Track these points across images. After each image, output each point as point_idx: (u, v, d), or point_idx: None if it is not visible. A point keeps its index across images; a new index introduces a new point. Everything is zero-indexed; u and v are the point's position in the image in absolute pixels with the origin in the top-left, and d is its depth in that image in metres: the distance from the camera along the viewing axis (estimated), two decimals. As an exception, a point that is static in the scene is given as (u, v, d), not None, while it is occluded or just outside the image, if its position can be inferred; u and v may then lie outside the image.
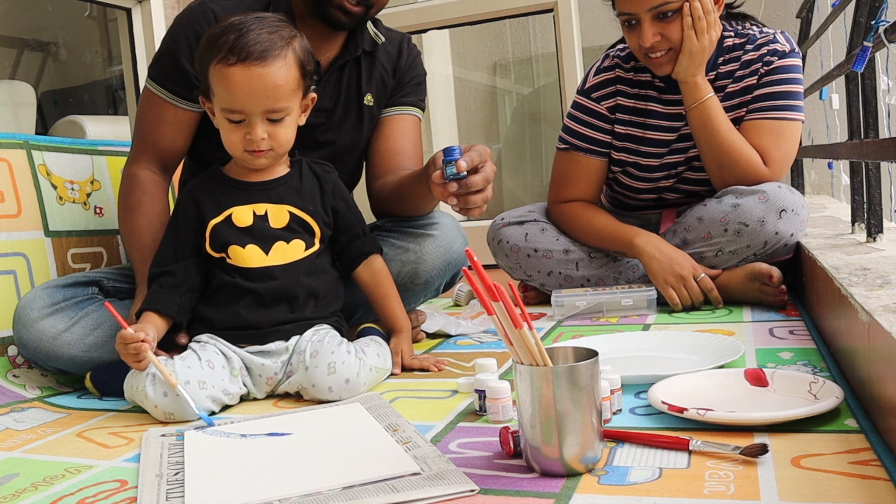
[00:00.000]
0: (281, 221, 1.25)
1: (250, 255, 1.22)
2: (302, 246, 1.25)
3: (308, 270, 1.25)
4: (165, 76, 1.39)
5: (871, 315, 0.84)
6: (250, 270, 1.22)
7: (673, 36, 1.59)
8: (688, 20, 1.57)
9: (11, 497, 0.86)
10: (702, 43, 1.59)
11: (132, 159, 1.43)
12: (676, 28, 1.58)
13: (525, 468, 0.80)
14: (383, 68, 1.53)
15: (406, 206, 1.49)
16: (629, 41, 1.65)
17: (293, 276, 1.23)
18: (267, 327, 1.20)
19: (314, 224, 1.27)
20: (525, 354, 0.78)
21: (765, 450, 0.77)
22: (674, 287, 1.60)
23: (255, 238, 1.23)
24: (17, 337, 1.31)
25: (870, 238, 1.49)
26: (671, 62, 1.63)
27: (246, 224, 1.23)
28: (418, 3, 2.99)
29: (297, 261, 1.24)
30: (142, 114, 1.44)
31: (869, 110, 1.45)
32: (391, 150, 1.55)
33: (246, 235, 1.23)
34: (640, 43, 1.60)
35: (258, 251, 1.22)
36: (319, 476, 0.82)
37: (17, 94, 3.28)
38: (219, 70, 1.16)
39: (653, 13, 1.57)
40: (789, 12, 2.85)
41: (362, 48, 1.48)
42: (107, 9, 3.41)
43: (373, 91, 1.52)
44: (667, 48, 1.61)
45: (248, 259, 1.22)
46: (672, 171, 1.78)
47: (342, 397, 1.14)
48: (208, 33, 1.20)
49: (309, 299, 1.24)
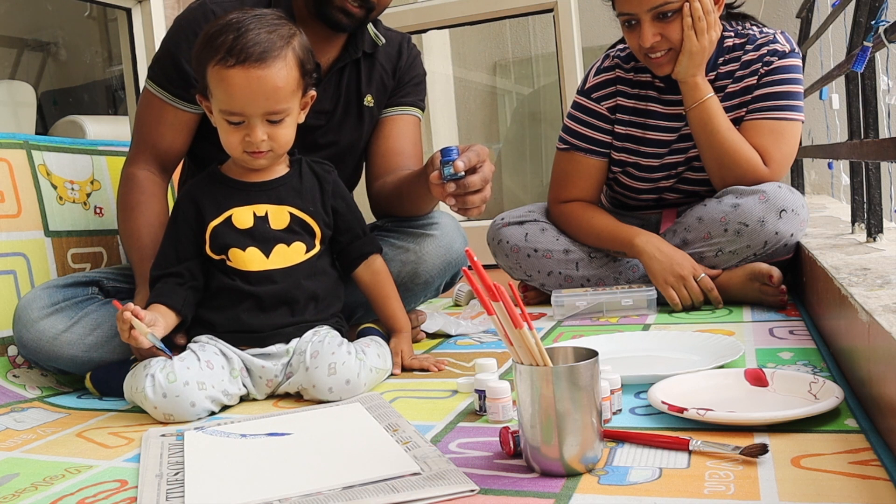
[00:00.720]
0: (281, 223, 1.24)
1: (251, 258, 1.21)
2: (302, 249, 1.25)
3: (309, 273, 1.25)
4: (165, 77, 1.39)
5: (871, 315, 0.84)
6: (250, 274, 1.21)
7: (673, 36, 1.59)
8: (688, 20, 1.57)
9: (11, 497, 0.86)
10: (702, 43, 1.59)
11: (131, 159, 1.42)
12: (676, 28, 1.58)
13: (525, 468, 0.80)
14: (383, 69, 1.53)
15: (406, 205, 1.49)
16: (629, 41, 1.65)
17: (294, 279, 1.23)
18: (267, 331, 1.20)
19: (315, 225, 1.27)
20: (525, 354, 0.78)
21: (765, 450, 0.77)
22: (674, 287, 1.60)
23: (255, 240, 1.22)
24: (17, 337, 1.31)
25: (870, 238, 1.49)
26: (671, 62, 1.63)
27: (246, 226, 1.23)
28: (418, 3, 2.99)
29: (298, 264, 1.24)
30: (141, 114, 1.44)
31: (869, 110, 1.45)
32: (391, 150, 1.55)
33: (246, 237, 1.22)
34: (640, 43, 1.60)
35: (259, 254, 1.22)
36: (319, 476, 0.82)
37: (17, 94, 3.28)
38: (217, 72, 1.15)
39: (653, 13, 1.57)
40: (789, 12, 2.85)
41: (363, 50, 1.48)
42: (107, 9, 3.41)
43: (373, 92, 1.52)
44: (667, 48, 1.61)
45: (248, 262, 1.21)
46: (672, 172, 1.78)
47: (342, 398, 1.14)
48: (205, 31, 1.18)
49: (309, 302, 1.24)
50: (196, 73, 1.22)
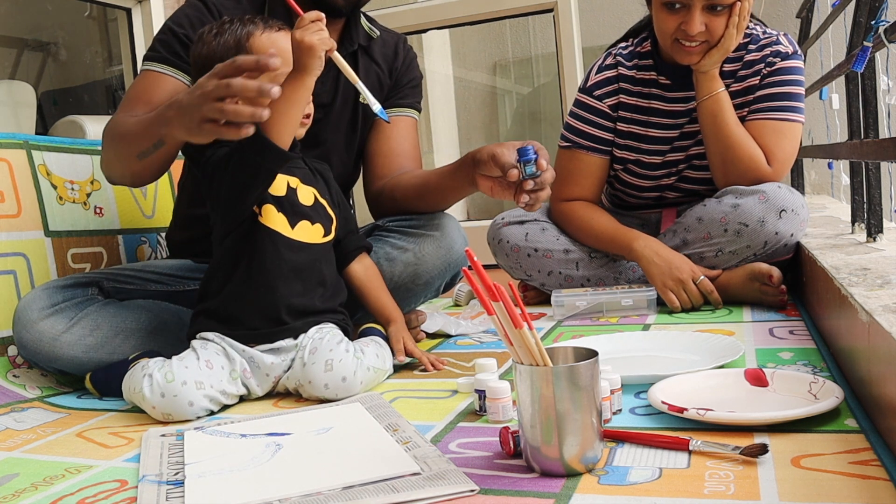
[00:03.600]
0: (308, 200, 1.26)
1: (279, 220, 1.21)
2: (321, 231, 1.26)
3: (323, 256, 1.26)
4: (170, 52, 1.37)
5: (871, 315, 0.84)
6: (278, 235, 1.20)
7: (716, 30, 1.59)
8: (734, 19, 1.58)
9: (11, 497, 0.86)
10: (737, 42, 1.61)
11: (112, 117, 1.35)
12: (721, 23, 1.59)
13: (525, 468, 0.80)
14: (379, 67, 1.55)
15: (429, 201, 1.50)
16: (664, 23, 1.63)
17: (311, 256, 1.24)
18: (278, 314, 1.19)
19: (332, 212, 1.29)
20: (525, 354, 0.78)
21: (765, 450, 0.77)
22: (673, 291, 1.60)
23: (284, 209, 1.22)
24: (17, 338, 1.30)
25: (870, 238, 1.49)
26: (701, 54, 1.63)
27: (280, 193, 1.22)
28: (418, 3, 2.99)
29: (317, 244, 1.25)
30: (137, 86, 1.38)
31: (869, 110, 1.45)
32: (391, 151, 1.57)
33: (277, 203, 1.22)
34: (686, 28, 1.58)
35: (285, 221, 1.22)
36: (319, 476, 0.82)
37: (17, 94, 3.27)
38: (266, 37, 1.19)
39: (706, 3, 1.57)
40: (789, 12, 2.85)
41: (358, 42, 1.49)
42: (107, 9, 3.41)
43: (368, 88, 1.51)
44: (704, 39, 1.61)
45: (277, 223, 1.21)
46: (673, 169, 1.78)
47: (338, 395, 1.14)
48: (219, 25, 1.21)
49: (318, 287, 1.25)
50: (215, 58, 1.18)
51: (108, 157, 1.35)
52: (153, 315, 1.38)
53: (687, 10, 1.58)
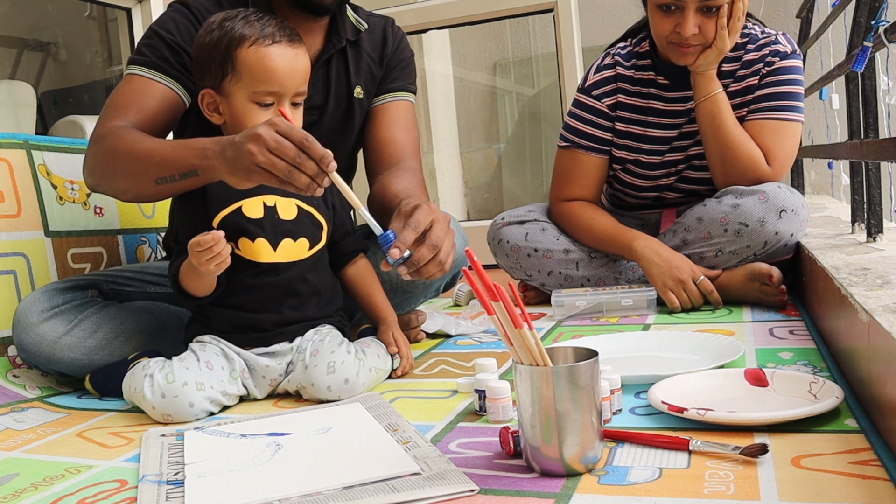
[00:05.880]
0: (290, 214, 1.24)
1: (259, 248, 1.21)
2: (307, 245, 1.25)
3: (312, 267, 1.25)
4: (157, 57, 1.33)
5: (871, 315, 0.84)
6: (258, 265, 1.20)
7: (709, 32, 1.60)
8: (723, 20, 1.58)
9: (11, 497, 0.86)
10: (732, 42, 1.61)
11: (102, 122, 1.29)
12: (714, 25, 1.59)
13: (525, 468, 0.80)
14: (370, 58, 1.51)
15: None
16: (659, 26, 1.63)
17: (298, 272, 1.23)
18: (271, 328, 1.20)
19: (321, 218, 1.27)
20: (525, 354, 0.78)
21: (765, 450, 0.77)
22: (673, 291, 1.60)
23: (265, 231, 1.21)
24: (17, 341, 1.30)
25: (870, 238, 1.49)
26: (696, 55, 1.63)
27: (257, 216, 1.22)
28: (418, 3, 2.99)
29: (303, 259, 1.24)
30: (121, 90, 1.33)
31: (869, 110, 1.45)
32: (384, 140, 1.52)
33: (257, 227, 1.21)
34: (680, 31, 1.59)
35: (267, 246, 1.21)
36: (319, 476, 0.82)
37: (17, 94, 3.28)
38: (254, 51, 1.17)
39: (700, 5, 1.57)
40: (789, 12, 2.85)
41: (346, 38, 1.46)
42: (107, 9, 3.41)
43: (362, 83, 1.50)
44: (699, 41, 1.61)
45: (256, 252, 1.20)
46: (672, 169, 1.78)
47: (341, 397, 1.14)
48: (215, 22, 1.20)
49: (312, 297, 1.24)
50: (209, 64, 1.19)
51: (102, 167, 1.26)
52: (153, 316, 1.38)
53: (681, 12, 1.59)
